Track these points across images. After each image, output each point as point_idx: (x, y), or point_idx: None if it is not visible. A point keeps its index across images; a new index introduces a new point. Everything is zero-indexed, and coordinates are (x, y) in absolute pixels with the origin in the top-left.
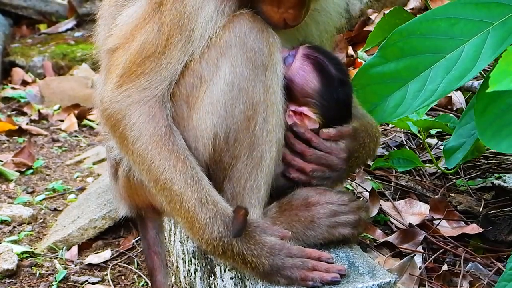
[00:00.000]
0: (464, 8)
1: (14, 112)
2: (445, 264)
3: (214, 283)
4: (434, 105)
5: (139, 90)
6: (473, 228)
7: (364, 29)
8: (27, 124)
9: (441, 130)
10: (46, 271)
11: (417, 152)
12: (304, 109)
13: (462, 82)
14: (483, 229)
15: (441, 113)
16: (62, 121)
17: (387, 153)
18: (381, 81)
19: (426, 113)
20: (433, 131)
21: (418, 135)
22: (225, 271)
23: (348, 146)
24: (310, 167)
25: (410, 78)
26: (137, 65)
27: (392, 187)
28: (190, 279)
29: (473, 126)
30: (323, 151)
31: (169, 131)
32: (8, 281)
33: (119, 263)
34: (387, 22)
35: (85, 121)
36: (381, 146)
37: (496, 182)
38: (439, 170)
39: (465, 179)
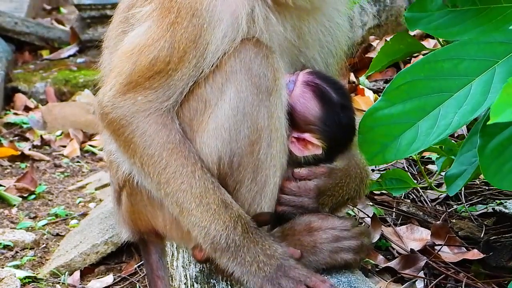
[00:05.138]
0: (466, 49)
1: (16, 138)
2: None
3: None
4: None
5: (146, 101)
6: (474, 254)
7: (366, 55)
8: (29, 149)
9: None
10: None
11: (418, 179)
12: (307, 136)
13: (476, 114)
14: (484, 255)
15: None
16: (64, 146)
17: None
18: (389, 122)
19: None
20: (433, 157)
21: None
22: None
23: (318, 185)
24: (280, 209)
25: (419, 118)
26: (145, 79)
27: (394, 212)
28: None
29: (474, 153)
30: (293, 194)
31: (183, 139)
32: None
33: None
34: (391, 47)
35: (87, 147)
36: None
37: (497, 208)
38: (440, 196)
39: (467, 205)
